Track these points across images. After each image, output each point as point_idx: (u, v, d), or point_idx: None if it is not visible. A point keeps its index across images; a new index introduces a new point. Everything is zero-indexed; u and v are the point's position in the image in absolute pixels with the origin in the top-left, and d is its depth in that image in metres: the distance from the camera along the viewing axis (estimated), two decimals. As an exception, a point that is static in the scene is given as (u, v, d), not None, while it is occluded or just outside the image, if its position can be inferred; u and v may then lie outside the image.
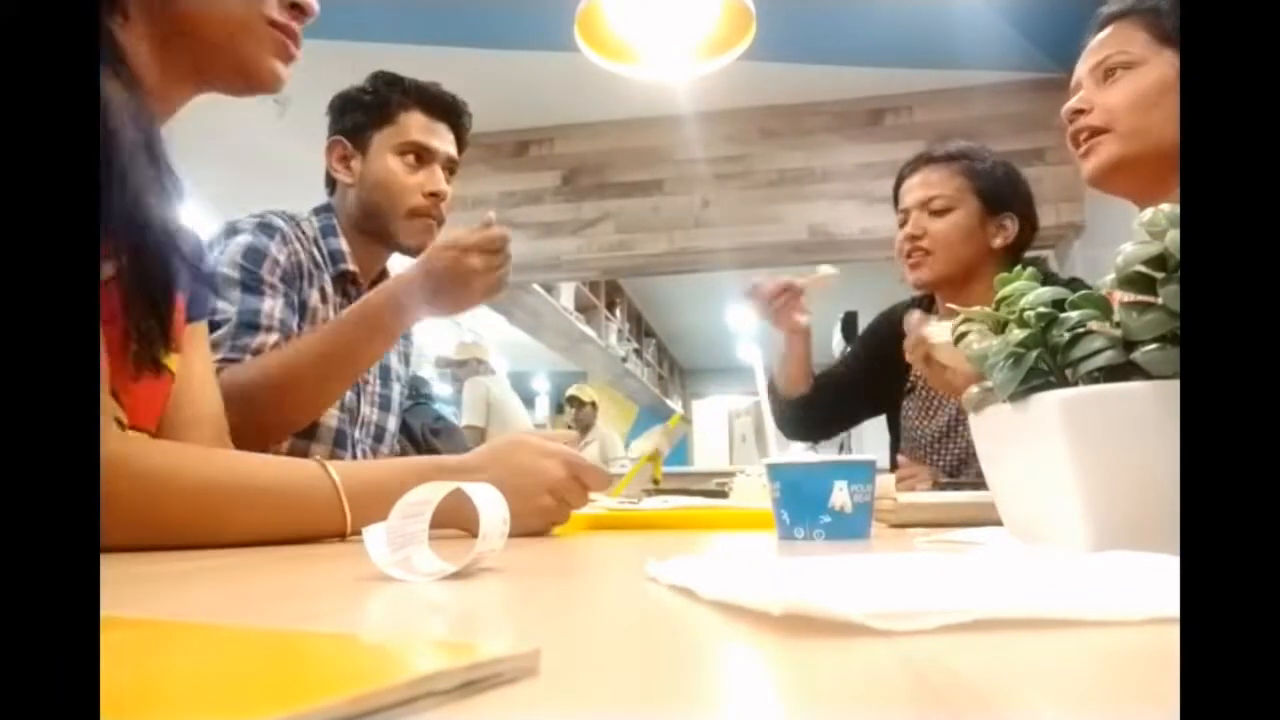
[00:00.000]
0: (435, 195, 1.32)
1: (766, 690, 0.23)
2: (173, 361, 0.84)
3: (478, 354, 4.88)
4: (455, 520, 0.77)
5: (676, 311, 7.70)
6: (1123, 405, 0.45)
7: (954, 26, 3.09)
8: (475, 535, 0.48)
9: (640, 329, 7.57)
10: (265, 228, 1.20)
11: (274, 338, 1.14)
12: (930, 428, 1.61)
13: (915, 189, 1.54)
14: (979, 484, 0.89)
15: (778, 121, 3.85)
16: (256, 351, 1.12)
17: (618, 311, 6.63)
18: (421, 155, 1.32)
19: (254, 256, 1.17)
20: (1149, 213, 0.47)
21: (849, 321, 4.84)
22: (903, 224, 1.55)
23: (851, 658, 0.24)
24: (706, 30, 1.40)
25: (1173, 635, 0.23)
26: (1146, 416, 0.44)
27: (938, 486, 1.15)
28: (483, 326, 5.92)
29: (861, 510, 0.73)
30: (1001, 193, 1.51)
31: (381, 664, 0.23)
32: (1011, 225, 1.50)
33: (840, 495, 0.72)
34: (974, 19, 3.04)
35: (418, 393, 2.02)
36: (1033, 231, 1.53)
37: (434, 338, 5.72)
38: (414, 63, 1.45)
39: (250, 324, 1.13)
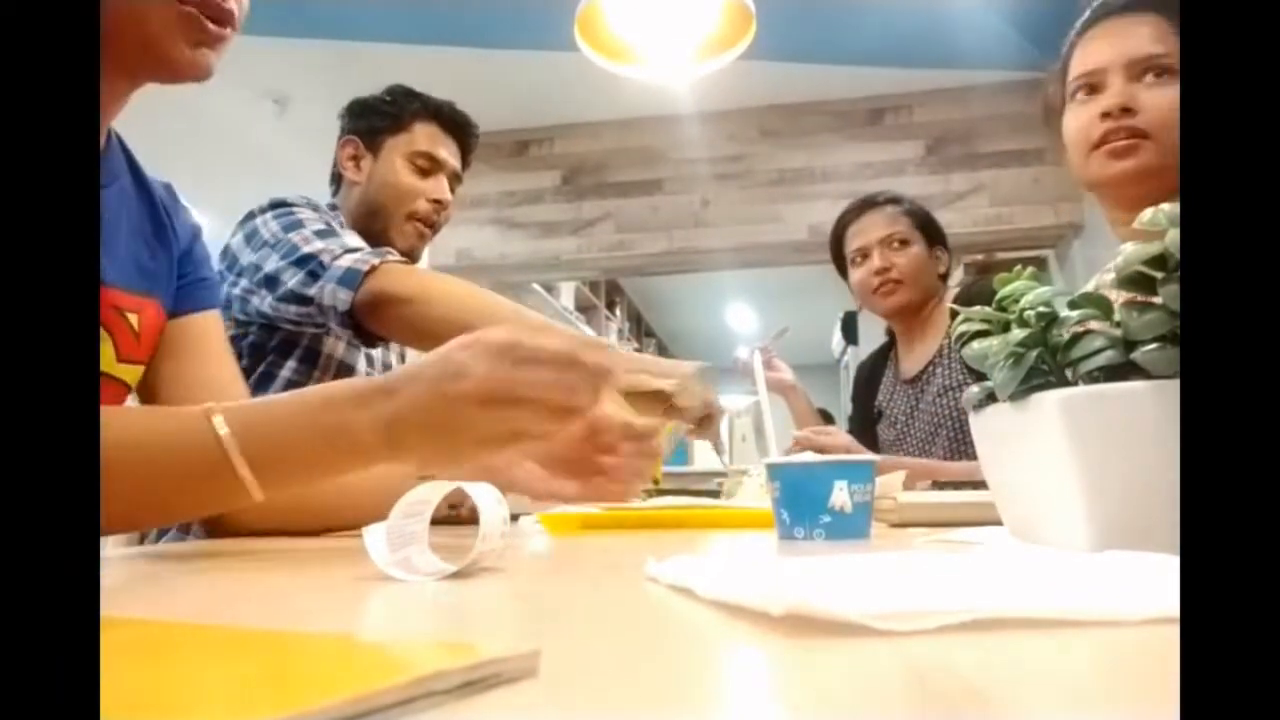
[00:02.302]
0: (439, 203, 1.37)
1: (766, 690, 0.23)
2: (125, 372, 0.80)
3: None
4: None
5: (676, 311, 7.70)
6: (1123, 405, 0.45)
7: (954, 26, 3.09)
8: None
9: (640, 329, 7.56)
10: (313, 206, 1.24)
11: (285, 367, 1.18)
12: (908, 446, 1.77)
13: (871, 229, 1.75)
14: (979, 484, 0.89)
15: (778, 121, 3.85)
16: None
17: (618, 311, 6.63)
18: (430, 165, 1.37)
19: (324, 216, 1.21)
20: (1149, 213, 0.47)
21: (849, 321, 4.84)
22: (858, 262, 1.75)
23: (851, 658, 0.24)
24: (706, 30, 1.40)
25: (1173, 635, 0.23)
26: (1146, 416, 0.44)
27: (938, 487, 1.15)
28: (483, 326, 5.91)
29: (861, 510, 0.73)
30: (934, 229, 1.77)
31: (381, 664, 0.23)
32: (944, 256, 1.77)
33: (840, 495, 0.72)
34: (974, 19, 3.04)
35: None
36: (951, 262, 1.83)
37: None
38: (414, 63, 1.47)
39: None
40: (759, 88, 3.59)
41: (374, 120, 1.37)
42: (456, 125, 1.41)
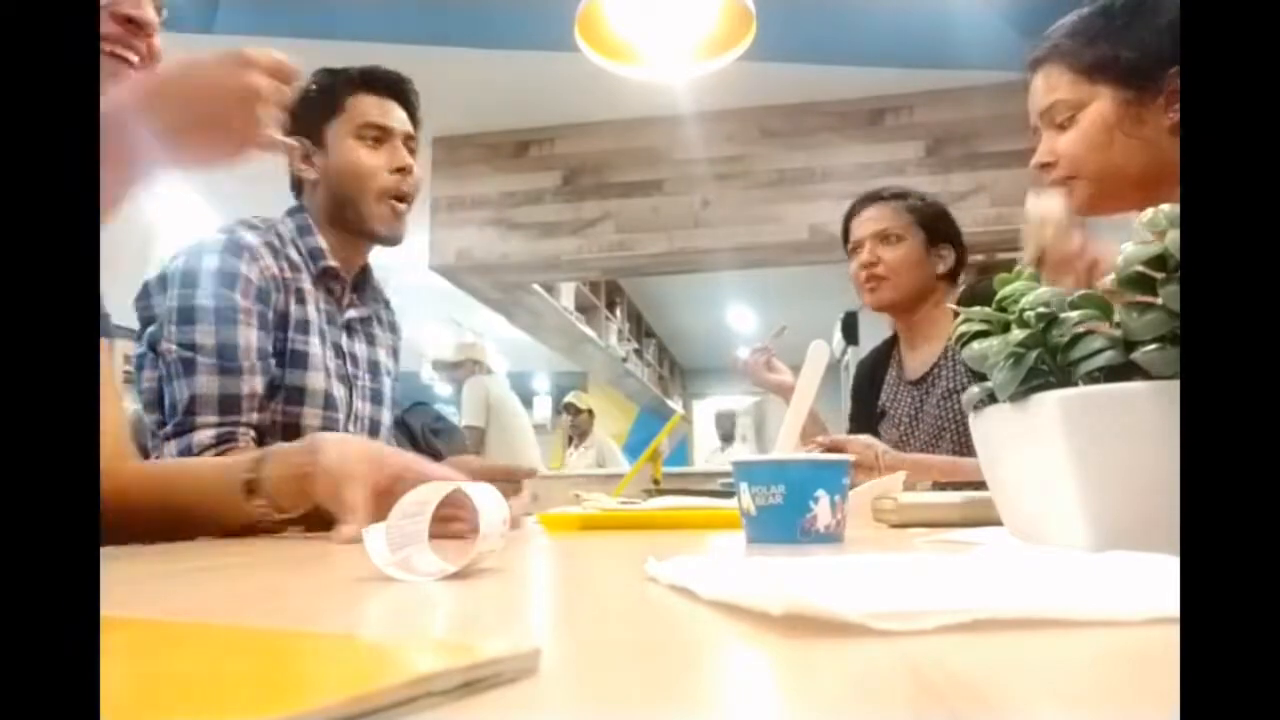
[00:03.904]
0: (402, 170, 1.31)
1: (766, 690, 0.23)
2: None
3: (475, 355, 4.87)
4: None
5: (676, 311, 7.70)
6: (1123, 405, 0.45)
7: (954, 26, 3.10)
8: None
9: (640, 329, 7.57)
10: (233, 246, 1.19)
11: (258, 382, 1.16)
12: (912, 448, 1.74)
13: (867, 222, 1.75)
14: (979, 484, 0.89)
15: (778, 121, 3.85)
16: (243, 409, 1.14)
17: (618, 311, 6.63)
18: (380, 134, 1.31)
19: (226, 280, 1.16)
20: (1149, 213, 0.47)
21: (849, 321, 4.84)
22: (855, 253, 1.76)
23: (851, 658, 0.24)
24: (706, 30, 1.40)
25: (1173, 635, 0.23)
26: (1146, 416, 0.44)
27: (938, 487, 1.15)
28: (483, 326, 5.92)
29: (769, 514, 0.68)
30: (939, 227, 1.75)
31: (381, 664, 0.23)
32: (949, 254, 1.74)
33: (745, 498, 0.70)
34: (974, 19, 3.04)
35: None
36: (965, 257, 1.80)
37: (432, 338, 5.71)
38: (414, 63, 1.46)
39: (231, 368, 1.14)
40: (759, 88, 3.59)
41: (308, 113, 1.30)
42: (390, 85, 1.34)
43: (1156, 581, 0.31)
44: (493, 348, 5.54)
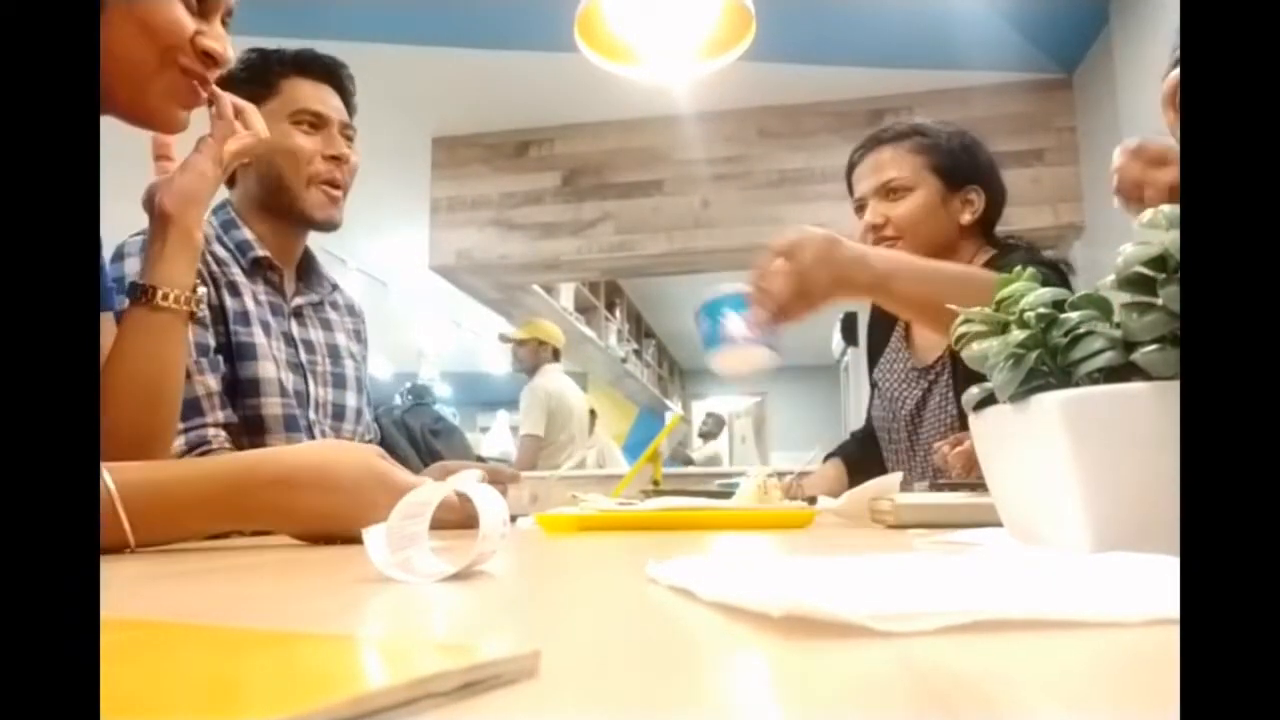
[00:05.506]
0: (335, 159, 1.27)
1: (766, 691, 0.23)
2: None
3: (542, 334, 4.04)
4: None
5: (676, 311, 7.70)
6: (1123, 406, 0.45)
7: (954, 27, 3.10)
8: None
9: (640, 329, 7.57)
10: None
11: (211, 380, 1.14)
12: (900, 439, 1.50)
13: (869, 174, 1.44)
14: (979, 484, 0.89)
15: (778, 121, 3.86)
16: (204, 410, 1.12)
17: (618, 312, 6.64)
18: (316, 120, 1.27)
19: None
20: (1149, 213, 0.47)
21: (849, 322, 4.84)
22: (860, 212, 1.46)
23: (851, 658, 0.24)
24: (706, 30, 1.40)
25: (1173, 635, 0.23)
26: (1146, 417, 0.44)
27: (936, 487, 1.14)
28: (482, 326, 5.92)
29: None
30: (961, 165, 1.42)
31: (381, 665, 0.23)
32: (978, 199, 1.42)
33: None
34: (974, 19, 3.04)
35: (420, 397, 2.01)
36: (1002, 200, 1.46)
37: (433, 338, 5.70)
38: (414, 63, 1.45)
39: None
40: (759, 88, 3.60)
41: (240, 95, 1.27)
42: (326, 71, 1.30)
43: (1156, 582, 0.31)
44: (493, 347, 5.45)
